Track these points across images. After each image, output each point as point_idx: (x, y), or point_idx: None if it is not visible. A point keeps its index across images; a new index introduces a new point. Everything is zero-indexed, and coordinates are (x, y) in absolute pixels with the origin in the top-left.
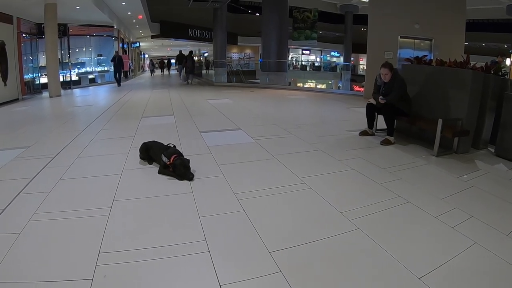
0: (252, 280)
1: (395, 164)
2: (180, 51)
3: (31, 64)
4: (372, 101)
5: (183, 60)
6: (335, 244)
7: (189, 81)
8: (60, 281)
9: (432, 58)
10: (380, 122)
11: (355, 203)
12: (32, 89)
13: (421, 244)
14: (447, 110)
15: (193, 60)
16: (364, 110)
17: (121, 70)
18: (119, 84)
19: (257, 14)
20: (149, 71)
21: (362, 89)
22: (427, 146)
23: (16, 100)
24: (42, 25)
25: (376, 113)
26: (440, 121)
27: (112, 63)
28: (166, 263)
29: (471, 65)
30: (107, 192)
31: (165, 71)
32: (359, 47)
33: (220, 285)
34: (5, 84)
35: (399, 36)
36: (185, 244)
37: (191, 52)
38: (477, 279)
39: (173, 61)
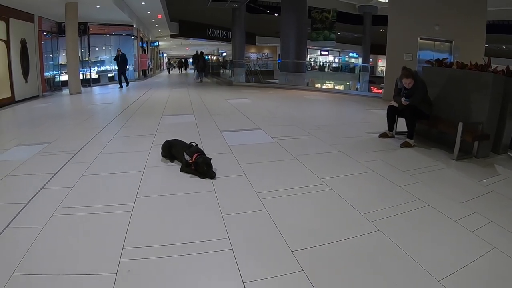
0: (275, 278)
1: (415, 167)
2: (196, 52)
3: (52, 62)
4: (394, 103)
5: (197, 60)
6: (356, 245)
7: (201, 79)
8: (84, 275)
9: (452, 60)
10: (400, 124)
11: (376, 205)
12: (53, 86)
13: (441, 247)
14: (467, 113)
15: (205, 60)
16: (383, 112)
17: (125, 70)
18: (121, 85)
19: (275, 14)
20: (167, 69)
21: (380, 91)
22: (447, 149)
23: (37, 96)
24: (63, 23)
25: (396, 116)
26: (460, 125)
27: (116, 62)
28: (189, 259)
29: (492, 68)
30: (129, 189)
31: (183, 70)
32: (378, 48)
33: (243, 282)
34: (26, 81)
35: (418, 38)
36: (208, 242)
37: (202, 52)
38: (496, 284)
39: (190, 60)
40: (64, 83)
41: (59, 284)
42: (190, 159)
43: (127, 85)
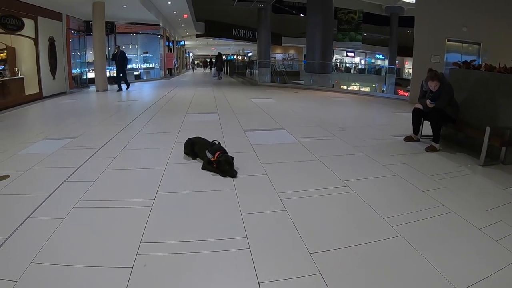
0: (291, 280)
1: (440, 172)
2: (218, 53)
3: (79, 60)
4: (419, 106)
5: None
6: (376, 250)
7: (219, 76)
8: (101, 267)
9: (480, 62)
10: (426, 128)
11: (398, 209)
12: (79, 83)
13: (463, 256)
14: (495, 117)
15: (222, 60)
16: (409, 115)
17: (125, 71)
18: (120, 88)
19: (301, 14)
20: (191, 68)
21: (406, 94)
22: (473, 154)
23: (64, 93)
24: (90, 22)
25: (422, 119)
26: (487, 129)
27: (114, 61)
28: (206, 257)
29: None
30: (150, 185)
31: (207, 69)
32: (405, 50)
33: (258, 283)
34: (54, 78)
35: (446, 39)
36: (226, 240)
37: (220, 54)
38: None
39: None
40: (91, 80)
41: (75, 275)
42: (212, 157)
43: (127, 88)
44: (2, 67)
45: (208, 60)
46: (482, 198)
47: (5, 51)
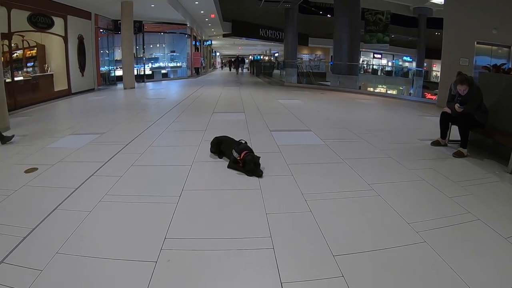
0: (313, 282)
1: (467, 178)
2: (237, 56)
3: (107, 58)
4: (447, 109)
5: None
6: (401, 255)
7: (237, 72)
8: (125, 260)
9: (510, 66)
10: (453, 133)
11: (424, 215)
12: (108, 80)
13: (489, 265)
14: None
15: (239, 60)
16: (437, 119)
17: None
18: None
19: (328, 15)
20: (220, 67)
21: (434, 97)
22: (502, 161)
23: (92, 90)
24: (119, 21)
25: (450, 123)
26: None
27: None
28: (229, 254)
29: None
30: (176, 181)
31: (233, 69)
32: (433, 52)
33: (281, 283)
34: (82, 75)
35: (475, 42)
36: (250, 239)
37: (238, 56)
38: None
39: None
40: (119, 78)
41: (100, 266)
42: (239, 156)
43: None
44: (32, 63)
45: (232, 60)
46: (509, 207)
47: (36, 49)
